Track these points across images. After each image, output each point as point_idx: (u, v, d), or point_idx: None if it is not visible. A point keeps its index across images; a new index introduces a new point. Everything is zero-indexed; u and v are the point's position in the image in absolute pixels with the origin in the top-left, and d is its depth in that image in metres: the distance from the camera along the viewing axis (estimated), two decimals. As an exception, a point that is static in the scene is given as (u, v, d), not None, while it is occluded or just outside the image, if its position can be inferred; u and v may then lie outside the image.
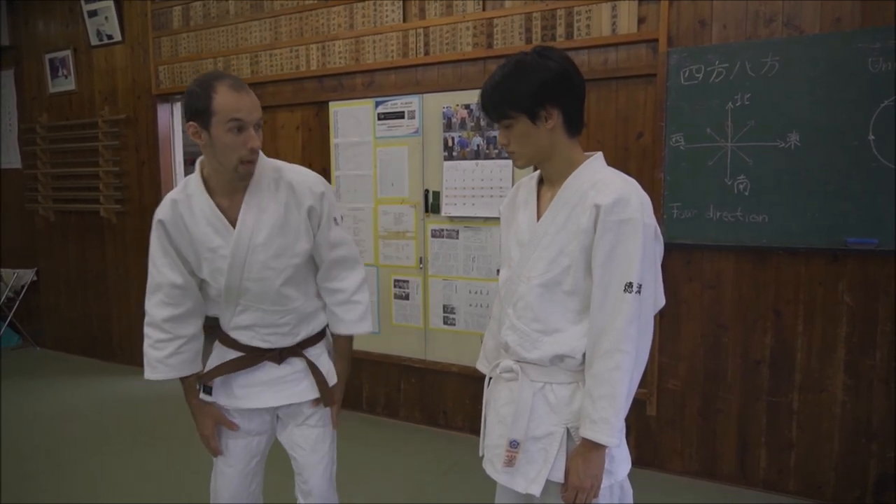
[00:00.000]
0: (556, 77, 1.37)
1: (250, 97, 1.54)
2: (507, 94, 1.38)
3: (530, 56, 1.39)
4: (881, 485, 2.67)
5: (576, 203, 1.40)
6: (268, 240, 1.63)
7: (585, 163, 1.44)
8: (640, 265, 1.32)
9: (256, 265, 1.64)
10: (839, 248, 2.61)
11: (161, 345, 1.73)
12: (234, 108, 1.49)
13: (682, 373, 2.99)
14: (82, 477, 3.07)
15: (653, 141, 2.92)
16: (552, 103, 1.38)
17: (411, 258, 3.55)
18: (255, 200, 1.62)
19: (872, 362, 2.64)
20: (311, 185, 1.67)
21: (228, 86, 1.50)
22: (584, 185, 1.40)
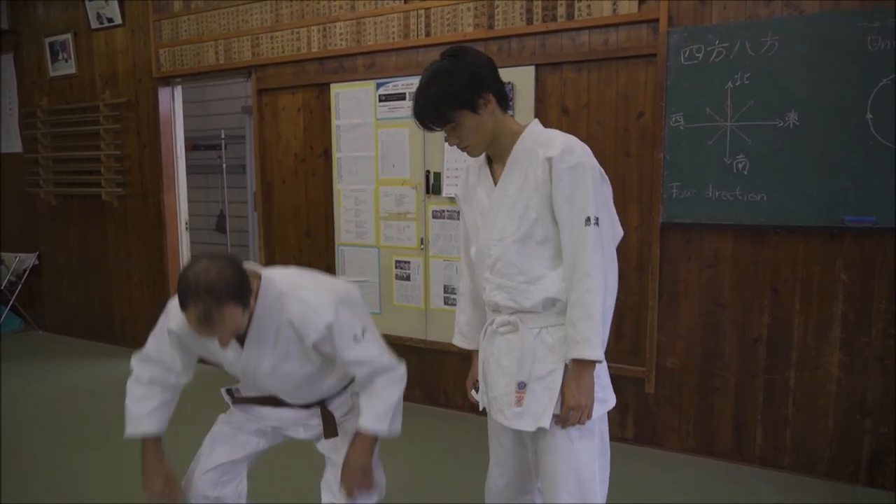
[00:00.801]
0: (478, 67, 1.53)
1: (214, 328, 1.51)
2: (444, 99, 1.51)
3: (446, 61, 1.54)
4: (875, 461, 2.71)
5: (528, 162, 1.55)
6: (272, 369, 1.73)
7: (527, 129, 1.60)
8: (593, 200, 1.49)
9: (267, 380, 1.78)
10: (836, 226, 2.64)
11: (143, 403, 1.79)
12: (195, 332, 1.55)
13: (681, 351, 3.02)
14: (84, 454, 3.10)
15: (653, 121, 2.94)
16: (485, 90, 1.53)
17: (412, 239, 3.57)
18: (256, 343, 1.68)
19: (868, 340, 2.67)
20: (314, 320, 1.64)
21: (194, 321, 1.49)
22: (532, 145, 1.56)
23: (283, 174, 4.04)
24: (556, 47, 3.13)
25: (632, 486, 2.71)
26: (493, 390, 1.68)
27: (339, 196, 3.79)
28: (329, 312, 1.64)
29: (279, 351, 1.71)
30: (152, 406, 1.79)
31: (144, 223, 4.71)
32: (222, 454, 1.87)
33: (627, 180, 3.03)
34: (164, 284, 4.67)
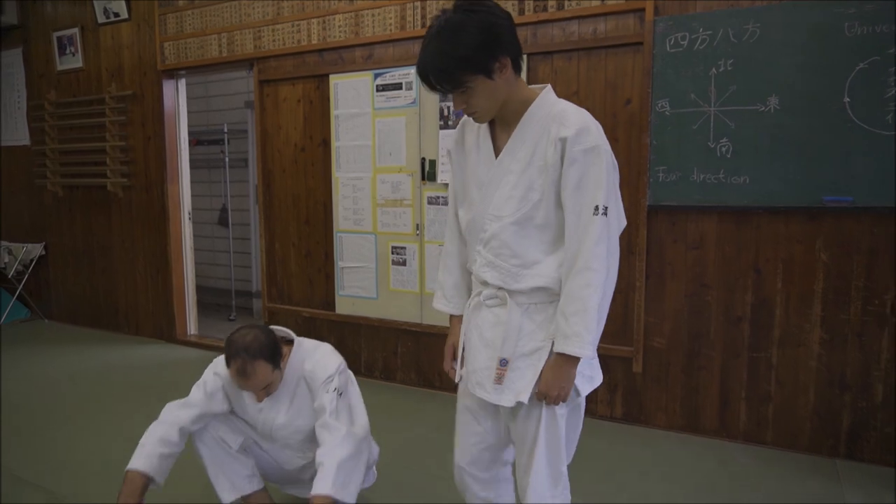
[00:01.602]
0: (495, 26, 1.38)
1: (248, 382, 1.91)
2: (456, 62, 1.37)
3: (460, 14, 1.37)
4: (854, 434, 2.79)
5: (538, 138, 1.45)
6: (286, 423, 2.08)
7: (539, 98, 1.49)
8: (605, 189, 1.41)
9: (278, 438, 2.12)
10: (816, 206, 2.73)
11: (158, 446, 1.98)
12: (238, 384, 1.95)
13: (667, 331, 3.11)
14: (89, 431, 3.20)
15: (640, 107, 3.04)
16: (502, 53, 1.40)
17: (408, 225, 3.67)
18: (277, 398, 2.06)
19: (847, 317, 2.76)
20: (320, 374, 2.01)
21: (235, 371, 1.90)
22: (543, 119, 1.45)
23: (284, 163, 4.15)
24: (547, 37, 3.23)
25: (620, 463, 2.80)
26: (474, 363, 1.62)
27: (338, 184, 3.89)
28: (328, 370, 2.01)
29: (294, 407, 2.07)
30: (164, 453, 1.98)
31: (149, 213, 4.82)
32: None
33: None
34: (167, 273, 4.78)
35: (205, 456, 2.10)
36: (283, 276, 4.24)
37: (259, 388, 1.94)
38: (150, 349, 4.71)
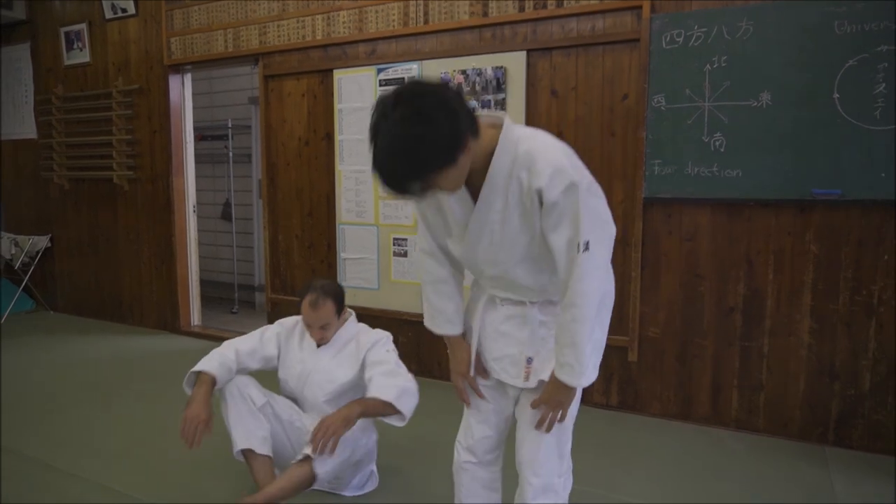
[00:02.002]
0: (453, 124, 1.30)
1: (317, 313, 2.25)
2: (428, 164, 1.30)
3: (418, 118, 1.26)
4: (842, 422, 2.87)
5: (508, 184, 1.43)
6: (326, 367, 2.35)
7: (500, 143, 1.42)
8: (584, 224, 1.38)
9: (312, 383, 2.36)
10: (806, 199, 2.81)
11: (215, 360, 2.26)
12: (305, 316, 2.31)
13: (662, 321, 3.19)
14: (99, 414, 3.28)
15: (636, 102, 3.12)
16: (464, 139, 1.32)
17: (409, 217, 3.75)
18: (329, 347, 2.37)
19: (836, 306, 2.84)
20: (371, 338, 2.35)
21: (309, 303, 2.26)
22: (510, 165, 1.41)
23: (288, 157, 4.23)
24: (547, 34, 3.31)
25: (616, 450, 2.87)
26: (494, 352, 1.66)
27: (341, 177, 3.97)
28: (381, 335, 2.36)
29: (339, 358, 2.35)
30: (224, 364, 2.24)
31: (154, 205, 4.90)
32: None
33: (612, 158, 3.20)
34: (171, 265, 4.86)
35: (230, 406, 2.20)
36: (287, 268, 4.31)
37: (320, 323, 2.26)
38: (154, 339, 4.78)
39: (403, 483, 2.55)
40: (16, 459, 2.73)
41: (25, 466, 2.67)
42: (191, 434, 2.01)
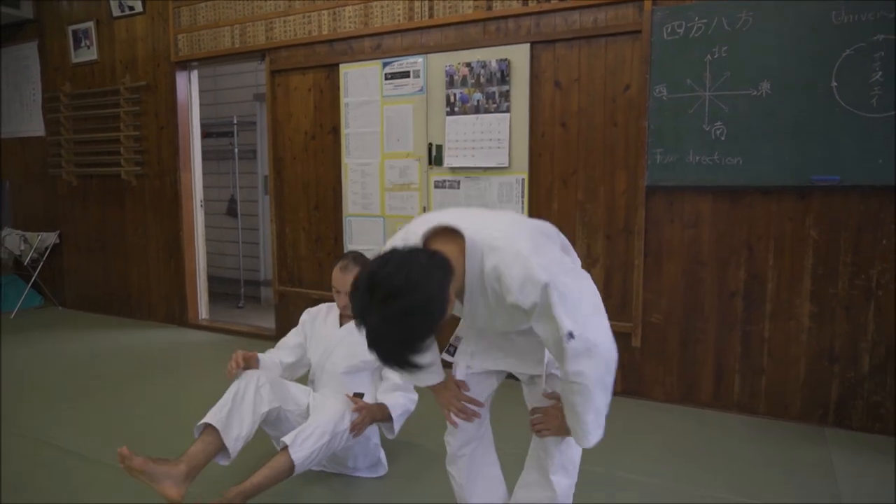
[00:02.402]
0: (435, 307, 1.33)
1: (346, 276, 2.34)
2: (425, 334, 1.35)
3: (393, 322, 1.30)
4: (842, 404, 2.93)
5: (483, 294, 1.49)
6: (354, 341, 2.41)
7: (466, 265, 1.45)
8: (565, 314, 1.39)
9: (335, 354, 2.47)
10: (806, 185, 2.87)
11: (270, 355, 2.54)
12: (335, 280, 2.41)
13: (664, 307, 3.25)
14: (112, 402, 3.34)
15: (638, 92, 3.18)
16: (446, 300, 1.36)
17: (415, 208, 3.81)
18: (353, 328, 2.37)
19: (835, 291, 2.90)
20: None
21: (339, 267, 2.39)
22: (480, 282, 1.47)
23: (294, 151, 4.29)
24: (550, 26, 3.37)
25: (619, 432, 2.92)
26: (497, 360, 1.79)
27: (347, 170, 4.03)
28: None
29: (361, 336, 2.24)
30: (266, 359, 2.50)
31: (161, 200, 4.96)
32: None
33: (615, 148, 3.27)
34: (179, 259, 4.92)
35: (232, 389, 2.19)
36: (294, 260, 4.38)
37: (347, 286, 2.23)
38: (163, 332, 4.85)
39: (410, 468, 2.61)
40: (37, 445, 2.79)
41: (49, 452, 2.73)
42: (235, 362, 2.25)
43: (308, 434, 2.10)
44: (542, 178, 3.46)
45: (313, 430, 2.12)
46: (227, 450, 2.10)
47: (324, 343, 2.51)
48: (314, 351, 2.54)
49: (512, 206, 3.52)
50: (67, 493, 2.36)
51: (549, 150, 3.43)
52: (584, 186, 3.36)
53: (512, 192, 3.52)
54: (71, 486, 2.42)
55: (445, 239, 1.47)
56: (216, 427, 2.08)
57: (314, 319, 2.61)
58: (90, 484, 2.43)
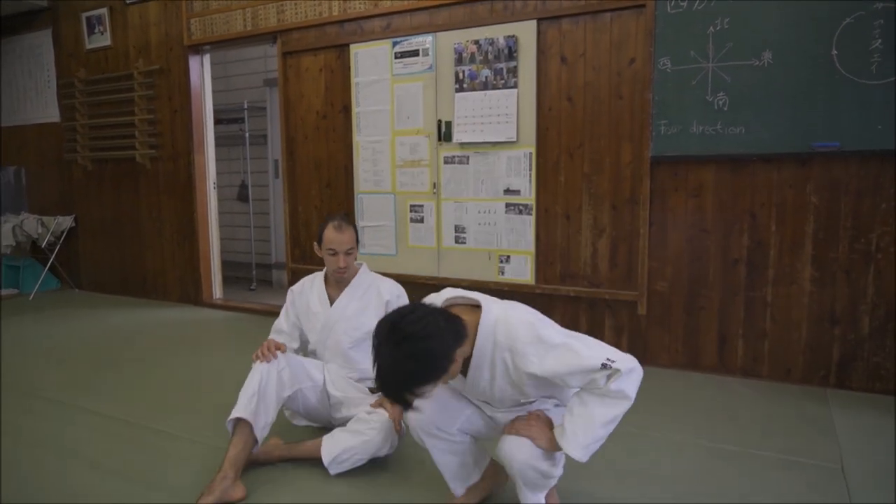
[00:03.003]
0: (442, 342, 1.51)
1: (343, 235, 2.37)
2: (423, 380, 1.51)
3: (411, 343, 1.48)
4: (843, 365, 3.01)
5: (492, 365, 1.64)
6: (352, 314, 2.47)
7: (479, 333, 1.62)
8: (588, 357, 1.56)
9: (337, 330, 2.47)
10: (806, 152, 2.95)
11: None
12: (330, 241, 2.38)
13: (669, 275, 3.33)
14: (135, 372, 3.46)
15: (643, 66, 3.26)
16: (452, 357, 1.54)
17: (426, 184, 3.90)
18: (351, 293, 2.49)
19: (836, 255, 2.98)
20: (391, 289, 2.55)
21: (333, 226, 2.38)
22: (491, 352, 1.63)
23: (306, 130, 4.39)
24: (556, 2, 3.44)
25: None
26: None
27: (358, 148, 4.13)
28: (398, 290, 2.57)
29: (363, 302, 2.49)
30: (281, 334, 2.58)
31: (175, 183, 5.07)
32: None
33: (620, 121, 3.35)
34: (193, 240, 5.03)
35: (256, 377, 2.20)
36: (306, 238, 4.48)
37: (347, 246, 2.38)
38: (178, 311, 4.96)
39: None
40: (69, 410, 2.91)
41: (82, 416, 2.84)
42: (266, 352, 2.24)
43: (347, 457, 2.17)
44: (550, 151, 3.54)
45: (352, 455, 2.17)
46: (255, 438, 2.15)
47: (320, 320, 2.50)
48: (311, 329, 2.54)
49: (520, 180, 3.61)
50: (100, 452, 2.47)
51: (556, 123, 3.51)
52: (591, 159, 3.45)
53: (520, 166, 3.60)
54: (103, 445, 2.53)
55: (467, 310, 1.66)
56: (247, 419, 2.11)
57: (301, 295, 2.58)
58: (121, 443, 2.55)
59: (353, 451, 2.17)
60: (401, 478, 2.20)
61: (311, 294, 2.57)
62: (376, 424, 2.21)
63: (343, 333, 2.47)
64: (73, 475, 2.24)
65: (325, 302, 2.52)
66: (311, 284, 2.60)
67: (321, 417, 2.49)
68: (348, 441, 2.19)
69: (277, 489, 2.12)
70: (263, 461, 2.26)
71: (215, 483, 2.00)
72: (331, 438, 2.22)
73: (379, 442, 2.19)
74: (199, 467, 2.22)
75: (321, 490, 2.11)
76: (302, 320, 2.58)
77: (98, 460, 2.35)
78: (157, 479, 2.20)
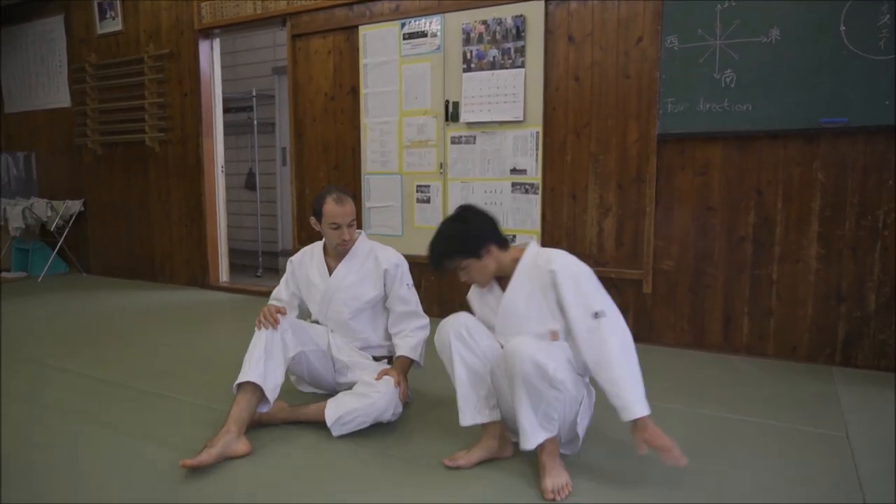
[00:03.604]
0: (480, 229, 1.99)
1: (345, 208, 2.36)
2: (456, 250, 1.97)
3: (458, 223, 2.00)
4: (849, 343, 3.01)
5: (530, 275, 1.97)
6: (350, 284, 2.47)
7: (525, 253, 2.01)
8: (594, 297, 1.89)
9: (337, 301, 2.48)
10: (813, 128, 2.95)
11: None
12: (333, 215, 2.35)
13: (675, 254, 3.34)
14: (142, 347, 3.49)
15: (650, 44, 3.27)
16: (486, 243, 1.97)
17: (432, 164, 3.92)
18: (349, 263, 2.49)
19: (842, 232, 2.98)
20: (389, 257, 2.51)
21: (333, 199, 2.35)
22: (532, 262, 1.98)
23: (315, 112, 4.41)
24: (564, -18, 3.47)
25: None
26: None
27: (366, 129, 4.15)
28: (397, 259, 2.52)
29: (362, 272, 2.49)
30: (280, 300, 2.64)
31: (184, 166, 5.11)
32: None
33: (627, 99, 3.36)
34: (201, 223, 5.06)
35: (261, 341, 2.20)
36: (313, 220, 4.50)
37: (349, 218, 2.38)
38: (186, 293, 4.99)
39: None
40: (79, 378, 2.93)
41: (89, 383, 2.87)
42: (269, 317, 2.23)
43: (350, 419, 2.17)
44: (556, 130, 3.56)
45: (355, 417, 2.18)
46: (266, 399, 2.16)
47: (319, 291, 2.51)
48: (311, 300, 2.56)
49: (527, 159, 3.62)
50: (108, 413, 2.50)
51: (563, 103, 3.52)
52: (597, 138, 3.46)
53: (527, 146, 3.62)
54: (111, 408, 2.56)
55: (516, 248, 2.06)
56: (257, 383, 2.12)
57: (300, 266, 2.60)
58: (128, 406, 2.57)
59: (356, 412, 2.18)
60: (404, 440, 2.21)
61: (310, 265, 2.58)
62: (381, 388, 2.22)
63: (342, 304, 2.48)
64: (83, 434, 2.26)
65: (325, 273, 2.53)
66: (311, 255, 2.60)
67: (326, 383, 2.51)
68: (352, 403, 2.20)
69: (282, 448, 2.13)
70: (267, 423, 2.27)
71: (218, 437, 2.02)
72: (335, 401, 2.24)
73: (383, 405, 2.20)
74: (206, 428, 2.24)
75: (324, 449, 2.12)
76: (302, 291, 2.60)
77: (107, 420, 2.38)
78: (166, 436, 2.22)
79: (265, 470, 1.98)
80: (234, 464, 2.00)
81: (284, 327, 2.26)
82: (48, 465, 2.02)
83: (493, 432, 2.01)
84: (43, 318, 4.13)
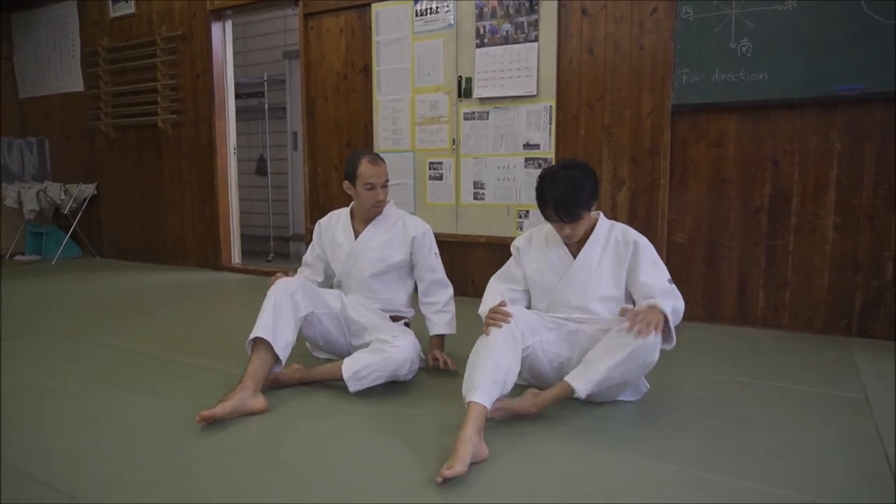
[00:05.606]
0: (597, 183, 2.11)
1: (380, 168, 2.43)
2: (587, 203, 2.04)
3: (578, 171, 2.06)
4: (866, 313, 2.99)
5: (606, 241, 2.15)
6: (377, 246, 2.53)
7: (600, 220, 2.18)
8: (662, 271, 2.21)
9: (362, 261, 2.52)
10: (831, 96, 2.92)
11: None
12: (369, 175, 2.40)
13: (689, 226, 3.32)
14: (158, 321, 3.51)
15: (665, 15, 3.25)
16: (596, 198, 2.11)
17: (445, 141, 3.92)
18: (377, 227, 2.55)
19: (859, 201, 2.95)
20: (418, 225, 2.57)
21: (368, 160, 2.41)
22: (607, 231, 2.17)
23: (326, 91, 4.42)
24: (578, -46, 3.45)
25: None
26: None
27: (378, 107, 4.15)
28: (424, 227, 2.58)
29: (390, 235, 2.54)
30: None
31: (196, 148, 5.13)
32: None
33: (641, 71, 3.34)
34: (213, 205, 5.09)
35: (270, 300, 2.22)
36: (326, 199, 4.51)
37: (383, 177, 2.44)
38: (198, 274, 5.02)
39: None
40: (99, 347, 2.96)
41: (109, 351, 2.89)
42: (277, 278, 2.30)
43: (367, 373, 2.18)
44: (570, 104, 3.54)
45: (372, 371, 2.18)
46: (279, 358, 2.17)
47: (344, 251, 2.55)
48: (336, 259, 2.60)
49: (539, 134, 3.61)
50: (128, 377, 2.52)
51: (577, 76, 3.51)
52: (611, 111, 3.44)
53: (540, 120, 3.61)
54: (131, 372, 2.58)
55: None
56: (267, 339, 2.13)
57: (327, 228, 2.65)
58: (147, 371, 2.60)
59: (373, 367, 2.19)
60: (419, 398, 2.21)
61: (336, 228, 2.62)
62: (399, 343, 2.23)
63: (367, 263, 2.52)
64: (107, 395, 2.28)
65: (351, 235, 2.57)
66: (338, 218, 2.65)
67: (341, 348, 2.51)
68: (369, 357, 2.21)
69: (298, 406, 2.14)
70: (283, 383, 2.28)
71: (234, 392, 2.03)
72: (352, 357, 2.24)
73: (400, 360, 2.20)
74: (224, 388, 2.25)
75: (341, 407, 2.13)
76: (327, 252, 2.63)
77: (128, 383, 2.39)
78: (185, 396, 2.23)
79: (283, 424, 1.99)
80: (251, 420, 2.01)
81: (294, 288, 2.27)
82: (73, 422, 2.04)
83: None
84: (60, 295, 4.16)
